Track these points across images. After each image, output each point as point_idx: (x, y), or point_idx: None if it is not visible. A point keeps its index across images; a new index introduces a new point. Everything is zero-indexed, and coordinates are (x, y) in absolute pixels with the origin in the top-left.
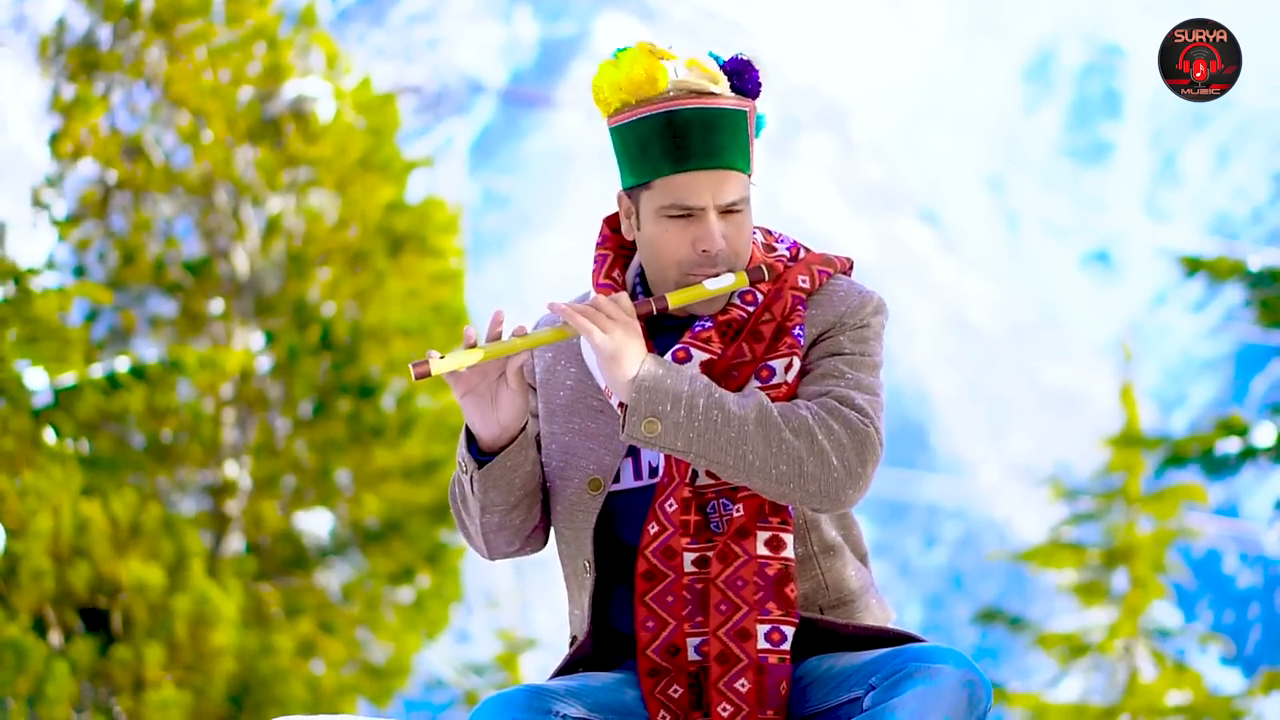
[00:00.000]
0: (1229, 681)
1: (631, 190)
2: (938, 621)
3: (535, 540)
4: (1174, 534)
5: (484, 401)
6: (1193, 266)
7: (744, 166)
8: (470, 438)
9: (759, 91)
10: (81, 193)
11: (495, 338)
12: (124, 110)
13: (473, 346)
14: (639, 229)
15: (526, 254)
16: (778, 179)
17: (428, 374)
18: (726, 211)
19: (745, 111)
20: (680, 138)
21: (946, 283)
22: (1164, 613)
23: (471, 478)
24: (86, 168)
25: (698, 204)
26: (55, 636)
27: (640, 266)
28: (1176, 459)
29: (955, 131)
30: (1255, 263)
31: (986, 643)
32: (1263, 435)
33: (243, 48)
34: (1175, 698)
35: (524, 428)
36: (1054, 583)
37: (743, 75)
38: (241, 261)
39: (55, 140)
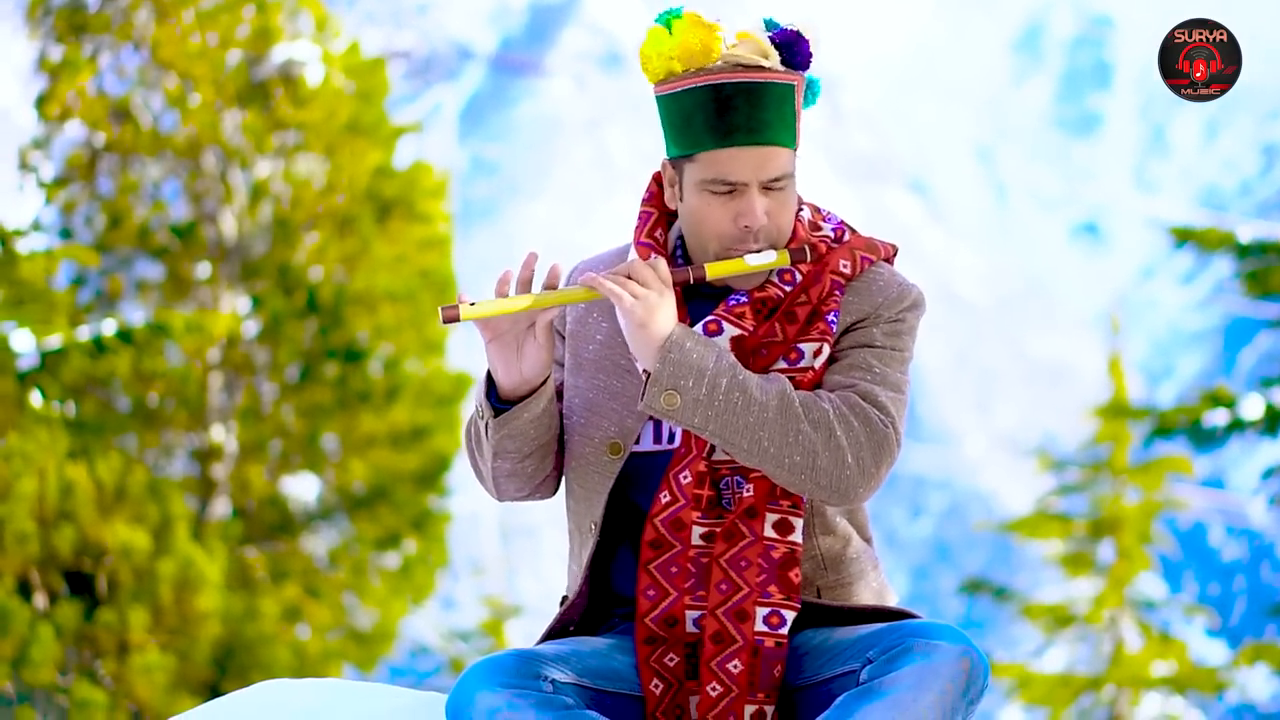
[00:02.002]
0: (1214, 653)
1: (675, 160)
2: (924, 592)
3: (545, 488)
4: (1160, 505)
5: (509, 350)
6: (1182, 237)
7: (789, 142)
8: (491, 384)
9: (809, 63)
10: (68, 155)
11: (526, 282)
12: (111, 73)
13: (504, 296)
14: (681, 199)
15: (515, 221)
16: None
17: (456, 319)
18: (769, 187)
19: (793, 85)
20: (725, 112)
21: (934, 253)
22: (1149, 584)
23: (487, 424)
24: (73, 130)
25: (740, 179)
26: (40, 600)
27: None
28: (1163, 430)
29: (944, 102)
30: (1244, 234)
31: (973, 613)
32: (1250, 407)
33: (231, 11)
34: (1160, 668)
35: (545, 381)
36: (1040, 553)
37: (793, 48)
38: (229, 225)
39: (42, 102)
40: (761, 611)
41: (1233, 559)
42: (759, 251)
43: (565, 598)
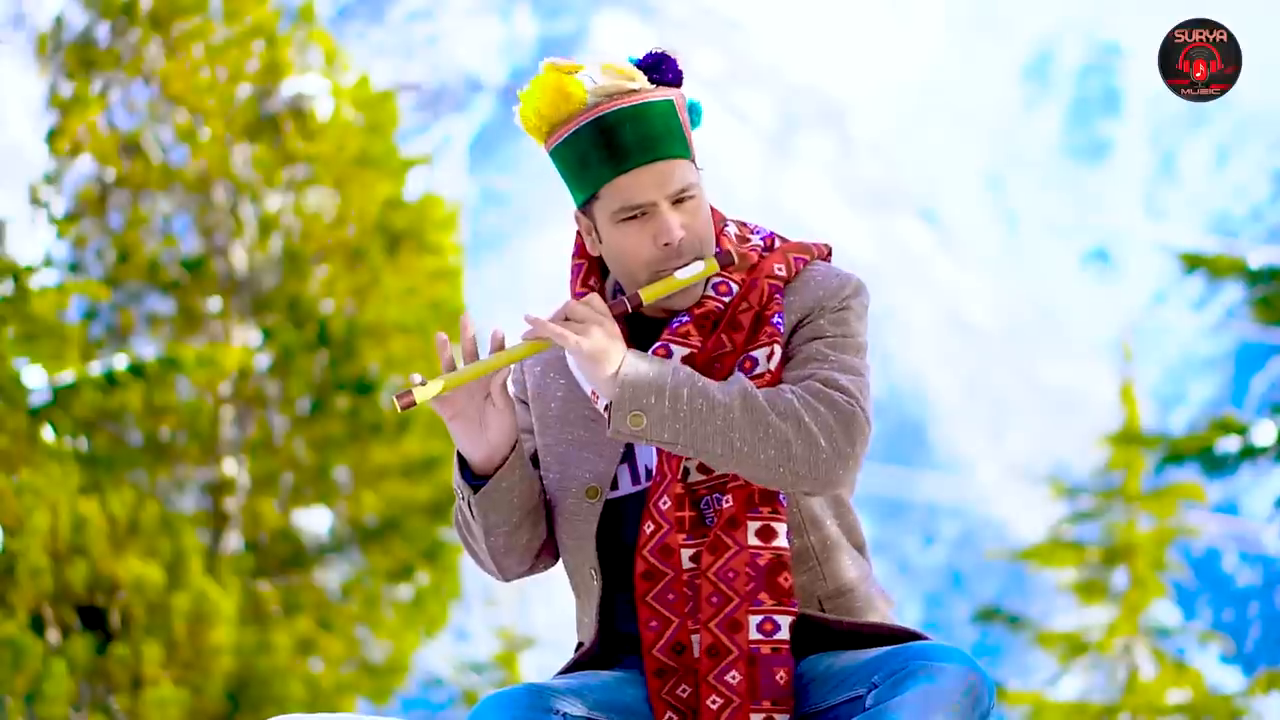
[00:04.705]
0: (1228, 680)
1: (584, 206)
2: (937, 620)
3: (546, 558)
4: (1173, 532)
5: (472, 424)
6: (1192, 263)
7: (683, 153)
8: (463, 463)
9: (680, 80)
10: (79, 190)
11: (471, 352)
12: (122, 108)
13: (453, 368)
14: (601, 242)
15: (525, 252)
16: (776, 177)
17: (413, 404)
18: (678, 201)
19: (672, 100)
20: (613, 141)
21: (945, 281)
22: (1163, 611)
23: (469, 503)
24: (84, 165)
25: (647, 200)
26: (53, 634)
27: None
28: (1176, 457)
29: (954, 130)
30: (1255, 260)
31: (986, 641)
32: (1262, 434)
33: (241, 45)
34: (1175, 696)
35: (515, 446)
36: (1053, 581)
37: (659, 67)
38: (239, 259)
39: (53, 138)
40: (754, 619)
41: (1247, 585)
42: (687, 265)
43: (580, 644)
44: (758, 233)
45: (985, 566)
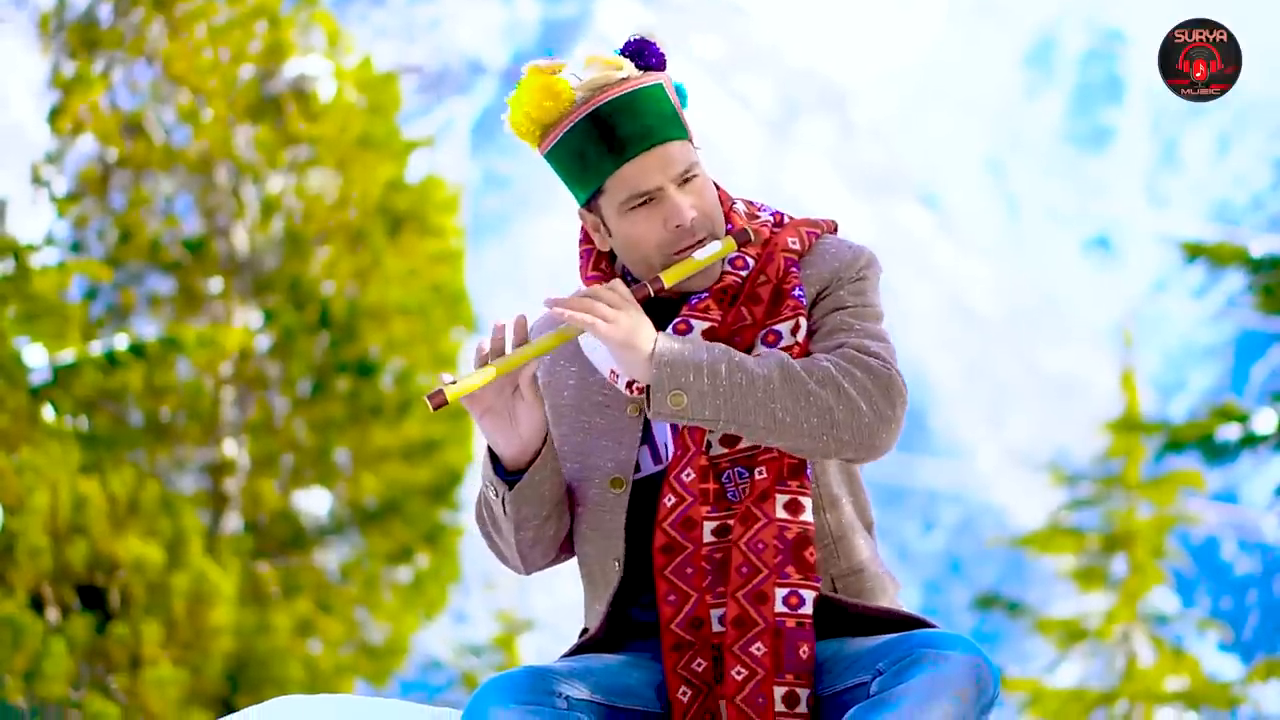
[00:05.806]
0: (1227, 668)
1: (589, 203)
2: (936, 606)
3: (568, 548)
4: (1173, 520)
5: (503, 420)
6: (1193, 252)
7: (681, 134)
8: (493, 458)
9: (664, 63)
10: (81, 170)
11: (499, 350)
12: (124, 88)
13: (483, 365)
14: (610, 235)
15: (526, 235)
16: (777, 162)
17: (445, 403)
18: (684, 182)
19: (661, 84)
20: (610, 132)
21: (946, 266)
22: (1162, 598)
23: (503, 499)
24: (86, 145)
25: (654, 186)
26: (53, 614)
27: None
28: (1176, 445)
29: (956, 115)
30: (1256, 249)
31: (985, 628)
32: (1262, 422)
33: (243, 26)
34: (1173, 683)
35: (545, 439)
36: (1053, 568)
37: (642, 53)
38: (241, 240)
39: (55, 117)
40: (781, 592)
41: (1246, 573)
42: (703, 245)
43: (585, 630)
44: (764, 210)
45: (984, 553)
